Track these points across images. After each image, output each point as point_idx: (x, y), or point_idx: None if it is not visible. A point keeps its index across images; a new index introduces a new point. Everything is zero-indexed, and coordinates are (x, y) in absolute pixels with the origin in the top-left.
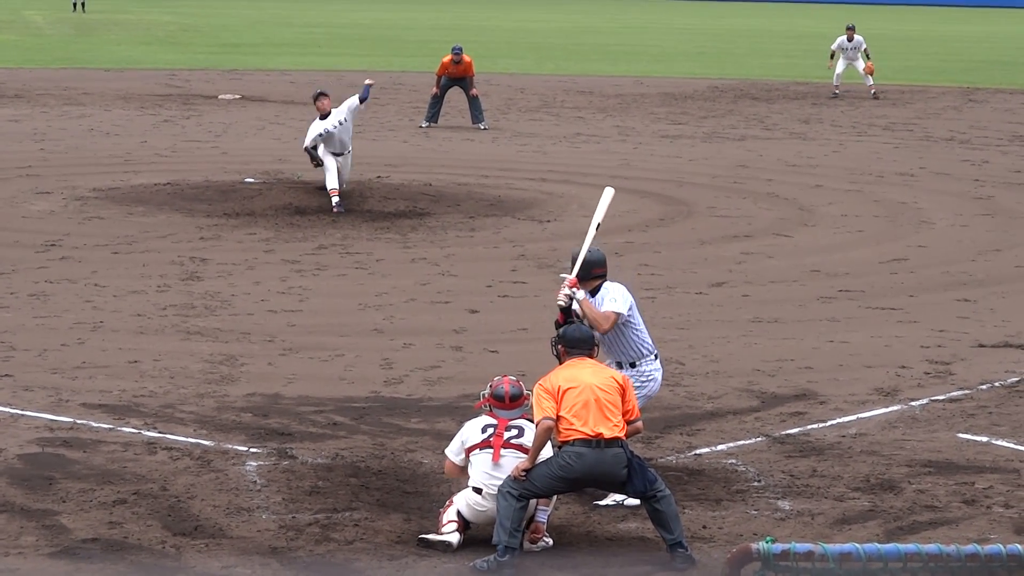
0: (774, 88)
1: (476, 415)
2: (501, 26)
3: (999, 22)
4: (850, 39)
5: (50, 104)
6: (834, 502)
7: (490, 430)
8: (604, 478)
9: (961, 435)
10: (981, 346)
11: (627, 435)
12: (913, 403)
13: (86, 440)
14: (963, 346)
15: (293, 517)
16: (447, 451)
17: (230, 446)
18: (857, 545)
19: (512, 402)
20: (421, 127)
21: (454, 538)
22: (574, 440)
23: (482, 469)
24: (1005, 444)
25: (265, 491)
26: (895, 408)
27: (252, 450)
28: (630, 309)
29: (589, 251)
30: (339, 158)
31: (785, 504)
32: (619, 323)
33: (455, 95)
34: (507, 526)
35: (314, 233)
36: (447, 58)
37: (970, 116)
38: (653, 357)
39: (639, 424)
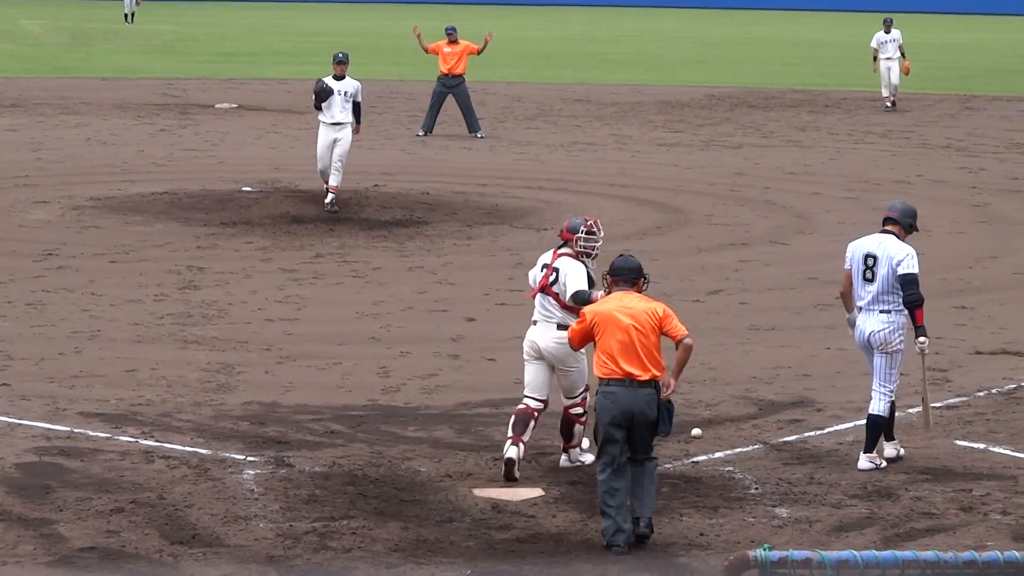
0: (771, 96)
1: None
2: (498, 35)
3: (996, 29)
4: (887, 31)
5: (47, 113)
6: (831, 509)
7: (544, 270)
8: (638, 417)
9: (958, 442)
10: (978, 353)
11: (682, 360)
12: (910, 410)
13: (83, 449)
14: (960, 353)
15: (290, 525)
16: (529, 274)
17: (227, 454)
18: (855, 552)
19: (566, 231)
20: (418, 136)
21: (512, 452)
22: (609, 380)
23: (536, 305)
24: (1002, 451)
25: (262, 499)
26: None
27: (249, 458)
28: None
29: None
30: (330, 133)
31: (782, 511)
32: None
33: (451, 105)
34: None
35: (311, 242)
36: (442, 41)
37: (967, 123)
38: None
39: (688, 341)
